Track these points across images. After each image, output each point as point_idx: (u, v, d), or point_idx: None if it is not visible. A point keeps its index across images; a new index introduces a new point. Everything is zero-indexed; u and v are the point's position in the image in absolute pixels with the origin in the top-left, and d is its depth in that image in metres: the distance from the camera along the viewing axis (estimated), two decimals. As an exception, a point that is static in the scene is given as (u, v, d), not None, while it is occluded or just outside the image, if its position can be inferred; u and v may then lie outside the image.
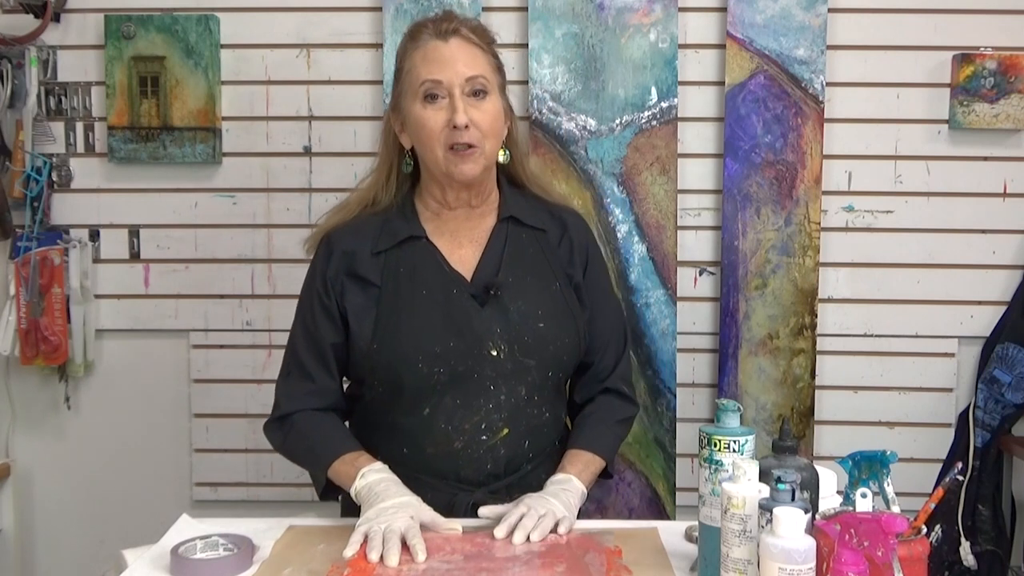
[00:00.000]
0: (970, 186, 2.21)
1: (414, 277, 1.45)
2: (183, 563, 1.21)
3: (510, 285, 1.45)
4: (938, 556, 2.19)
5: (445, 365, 1.41)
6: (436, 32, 1.42)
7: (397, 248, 1.47)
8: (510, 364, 1.43)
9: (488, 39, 1.47)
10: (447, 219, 1.50)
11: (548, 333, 1.45)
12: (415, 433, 1.45)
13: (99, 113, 2.23)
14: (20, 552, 2.32)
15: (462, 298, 1.44)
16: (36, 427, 2.32)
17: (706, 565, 1.16)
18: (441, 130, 1.40)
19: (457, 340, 1.41)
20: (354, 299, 1.46)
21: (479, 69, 1.41)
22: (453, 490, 1.44)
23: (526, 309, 1.44)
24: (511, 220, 1.50)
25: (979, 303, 2.23)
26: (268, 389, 2.24)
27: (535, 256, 1.50)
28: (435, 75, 1.40)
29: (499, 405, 1.43)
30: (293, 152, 2.24)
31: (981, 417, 2.20)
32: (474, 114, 1.40)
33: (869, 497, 1.06)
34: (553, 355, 1.46)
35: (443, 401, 1.43)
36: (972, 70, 2.14)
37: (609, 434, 1.53)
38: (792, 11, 2.14)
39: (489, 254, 1.48)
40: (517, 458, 1.46)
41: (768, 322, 2.19)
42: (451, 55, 1.40)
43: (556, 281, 1.49)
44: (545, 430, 1.49)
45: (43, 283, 2.19)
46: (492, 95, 1.43)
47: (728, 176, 2.18)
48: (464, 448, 1.43)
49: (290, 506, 2.25)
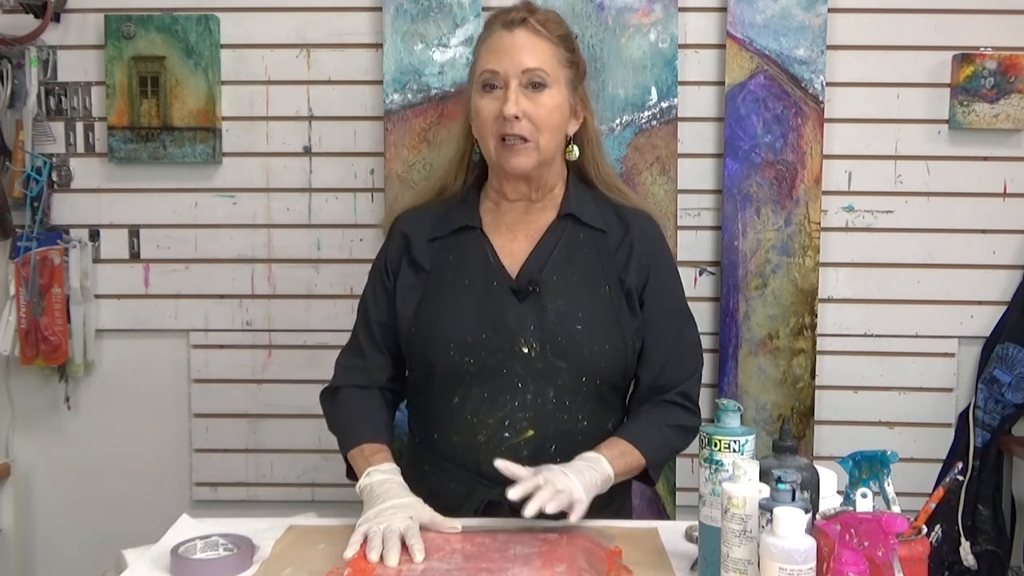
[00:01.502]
0: (970, 186, 2.21)
1: (460, 266, 1.46)
2: (183, 563, 1.20)
3: (553, 283, 1.43)
4: (938, 556, 2.19)
5: (475, 356, 1.41)
6: (504, 22, 1.42)
7: (452, 236, 1.48)
8: (540, 363, 1.41)
9: (560, 31, 1.44)
10: (506, 211, 1.49)
11: (585, 336, 1.41)
12: (444, 420, 1.45)
13: (99, 113, 2.23)
14: (20, 552, 2.32)
15: (501, 291, 1.43)
16: (36, 427, 2.32)
17: (706, 565, 1.16)
18: (493, 120, 1.40)
19: (490, 332, 1.41)
20: (405, 281, 1.48)
21: (540, 61, 1.40)
22: (474, 483, 1.42)
23: (565, 309, 1.42)
24: (570, 218, 1.48)
25: (979, 303, 2.23)
26: (268, 389, 2.27)
27: (588, 256, 1.46)
28: (493, 65, 1.40)
29: (525, 404, 1.41)
30: (293, 152, 2.24)
31: (981, 417, 2.20)
32: (527, 106, 1.39)
33: (869, 497, 1.06)
34: (588, 359, 1.41)
35: (471, 392, 1.42)
36: (972, 70, 2.14)
37: (656, 433, 1.44)
38: (792, 11, 2.14)
39: (539, 250, 1.46)
40: (542, 462, 1.34)
41: (768, 322, 2.19)
42: (513, 45, 1.40)
43: (606, 284, 1.45)
44: (579, 439, 1.42)
45: (43, 283, 2.19)
46: (553, 89, 1.41)
47: (728, 176, 2.18)
48: (487, 442, 1.42)
49: (290, 506, 2.25)
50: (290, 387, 2.24)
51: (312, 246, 2.25)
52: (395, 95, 2.16)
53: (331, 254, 2.24)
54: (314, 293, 2.25)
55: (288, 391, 2.24)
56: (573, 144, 1.49)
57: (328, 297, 2.23)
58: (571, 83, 1.45)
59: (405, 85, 2.16)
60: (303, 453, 2.25)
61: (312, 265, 2.25)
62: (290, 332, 2.26)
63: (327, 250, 2.24)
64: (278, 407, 2.26)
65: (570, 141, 1.49)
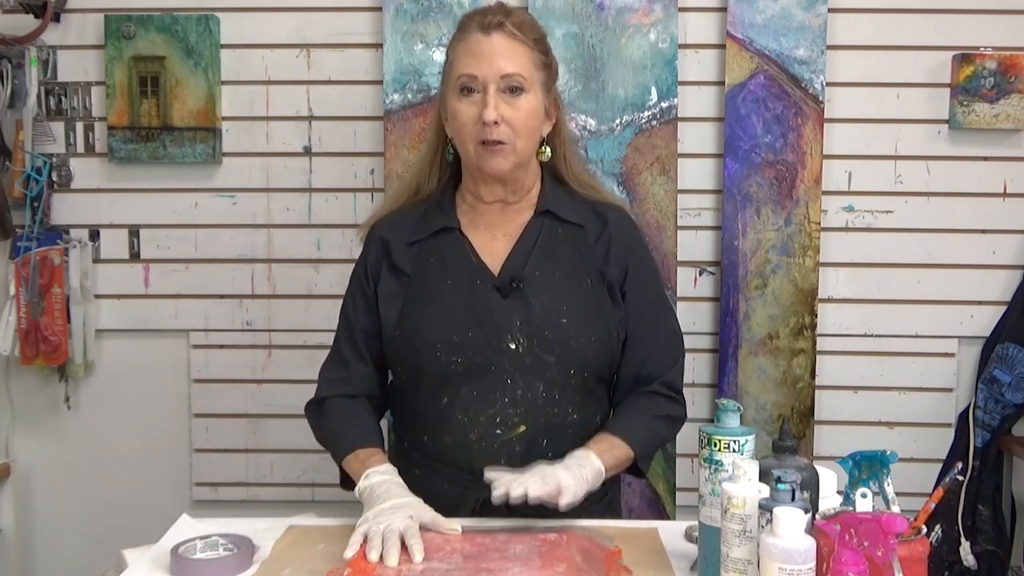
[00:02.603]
0: (970, 186, 2.21)
1: (442, 267, 1.46)
2: (183, 563, 1.20)
3: (536, 279, 1.44)
4: (938, 556, 2.19)
5: (463, 355, 1.41)
6: (480, 25, 1.42)
7: (431, 239, 1.48)
8: (528, 358, 1.41)
9: (535, 34, 1.45)
10: (483, 212, 1.50)
11: (571, 329, 1.42)
12: (434, 422, 1.45)
13: (99, 113, 2.23)
14: (20, 552, 2.33)
15: (485, 289, 1.43)
16: (36, 427, 2.32)
17: (706, 565, 1.16)
18: (473, 124, 1.40)
19: (476, 331, 1.41)
20: (387, 287, 1.48)
21: (517, 66, 1.40)
22: (467, 483, 1.42)
23: (550, 304, 1.43)
24: (548, 214, 1.49)
25: (979, 303, 2.23)
26: (268, 389, 2.27)
27: (568, 251, 1.48)
28: (471, 69, 1.40)
29: (515, 400, 1.42)
30: (293, 152, 2.24)
31: (981, 417, 2.20)
32: (506, 111, 1.39)
33: (869, 497, 1.06)
34: (575, 352, 1.43)
35: (460, 391, 1.42)
36: (972, 70, 2.14)
37: (642, 426, 1.46)
38: (792, 11, 2.14)
39: (520, 247, 1.47)
40: (534, 457, 1.38)
41: (768, 322, 2.19)
42: (491, 50, 1.40)
43: (587, 278, 1.47)
44: (569, 432, 1.43)
45: (43, 283, 2.19)
46: (530, 93, 1.42)
47: (728, 176, 2.18)
48: (479, 440, 1.42)
49: (290, 506, 2.25)
50: (290, 387, 2.24)
51: (312, 246, 2.25)
52: (395, 95, 2.16)
53: (331, 254, 2.24)
54: (314, 293, 2.25)
55: (288, 391, 2.24)
56: (546, 145, 1.50)
57: (328, 297, 2.23)
58: (545, 85, 1.46)
59: (405, 85, 2.16)
60: (303, 453, 2.25)
61: (312, 265, 2.25)
62: (290, 332, 2.26)
63: (327, 250, 2.24)
64: (278, 407, 2.26)
65: (543, 142, 1.50)
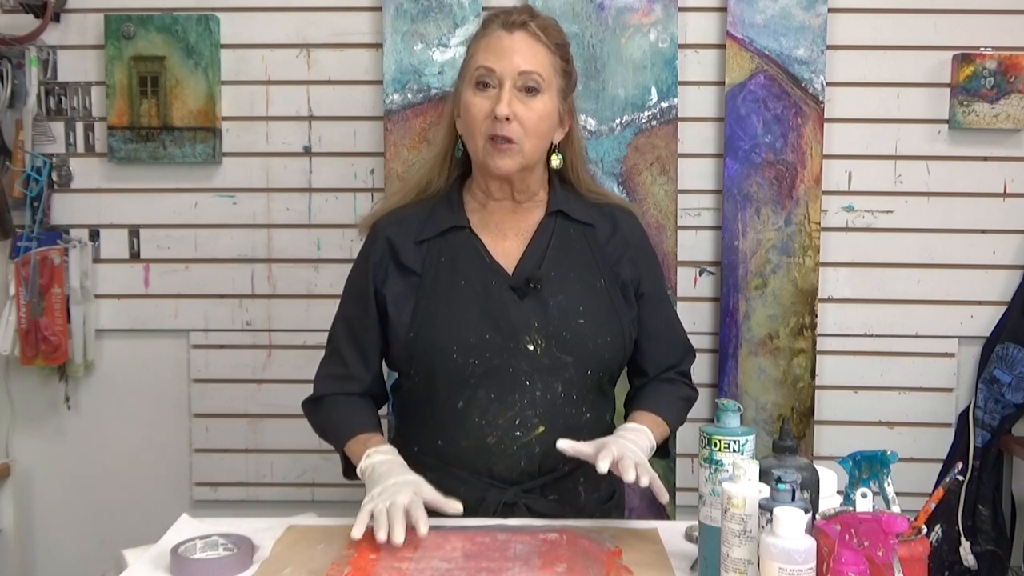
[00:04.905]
0: (970, 186, 2.21)
1: (455, 267, 1.44)
2: (183, 563, 1.20)
3: (552, 279, 1.43)
4: (938, 556, 2.19)
5: (480, 357, 1.40)
6: (504, 23, 1.42)
7: (440, 238, 1.46)
8: (547, 359, 1.41)
9: (558, 40, 1.45)
10: (492, 211, 1.49)
11: (588, 330, 1.43)
12: (449, 425, 1.44)
13: (99, 113, 2.23)
14: (20, 552, 2.33)
15: (501, 290, 1.42)
16: (36, 427, 2.32)
17: (706, 565, 1.16)
18: (484, 118, 1.39)
19: (493, 332, 1.40)
20: (395, 287, 1.46)
21: (536, 66, 1.40)
22: (486, 486, 1.42)
23: (566, 304, 1.43)
24: (559, 214, 1.49)
25: (979, 303, 2.23)
26: (268, 389, 2.27)
27: (581, 251, 1.48)
28: (490, 62, 1.40)
29: (534, 401, 1.41)
30: (293, 152, 2.24)
31: (981, 417, 2.20)
32: (519, 109, 1.39)
33: (869, 497, 1.06)
34: (592, 352, 1.43)
35: (477, 394, 1.41)
36: (972, 70, 2.14)
37: (674, 405, 1.51)
38: (792, 11, 2.14)
39: (533, 247, 1.46)
40: (553, 458, 1.39)
41: (768, 322, 2.19)
42: (511, 46, 1.40)
43: (601, 278, 1.47)
44: (585, 432, 1.41)
45: (43, 283, 2.19)
46: (545, 95, 1.41)
47: (728, 176, 2.18)
48: (497, 443, 1.41)
49: (290, 506, 2.25)
50: (290, 387, 2.24)
51: (312, 246, 2.25)
52: (395, 95, 2.16)
53: (331, 254, 2.24)
54: (314, 293, 2.25)
55: (288, 391, 2.24)
56: (558, 152, 1.50)
57: (328, 297, 2.23)
58: (562, 92, 1.46)
59: (405, 85, 2.16)
60: (303, 453, 2.25)
61: (312, 265, 2.25)
62: (290, 332, 2.26)
63: (327, 250, 2.24)
64: (278, 407, 2.26)
65: (555, 149, 1.49)
